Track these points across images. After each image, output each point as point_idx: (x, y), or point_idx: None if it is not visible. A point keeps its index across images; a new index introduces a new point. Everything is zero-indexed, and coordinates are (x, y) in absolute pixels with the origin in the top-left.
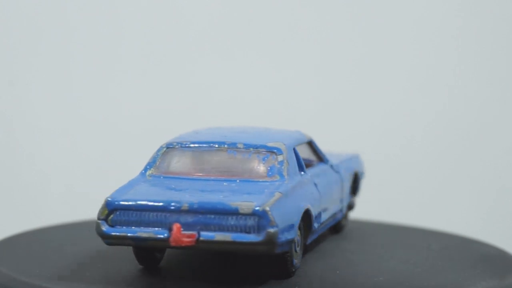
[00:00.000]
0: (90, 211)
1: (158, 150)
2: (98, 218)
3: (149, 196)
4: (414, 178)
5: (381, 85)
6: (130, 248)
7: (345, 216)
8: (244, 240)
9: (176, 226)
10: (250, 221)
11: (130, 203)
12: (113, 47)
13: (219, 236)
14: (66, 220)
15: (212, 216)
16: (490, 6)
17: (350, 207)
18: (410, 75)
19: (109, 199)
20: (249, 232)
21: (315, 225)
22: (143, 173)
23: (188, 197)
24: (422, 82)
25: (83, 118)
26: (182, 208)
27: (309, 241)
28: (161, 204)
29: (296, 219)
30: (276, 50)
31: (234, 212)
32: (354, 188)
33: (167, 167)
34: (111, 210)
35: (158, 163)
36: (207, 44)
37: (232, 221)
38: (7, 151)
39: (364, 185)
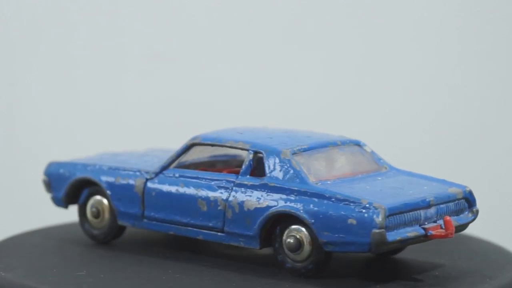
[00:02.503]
0: None
1: (291, 159)
2: (380, 228)
3: (398, 198)
4: None
5: (381, 85)
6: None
7: None
8: (465, 222)
9: (448, 219)
10: (462, 204)
11: (398, 207)
12: (113, 47)
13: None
14: (66, 220)
15: (442, 206)
16: (490, 6)
17: None
18: (411, 75)
19: (386, 206)
20: (459, 214)
21: None
22: (308, 183)
23: (421, 193)
24: (423, 82)
25: (84, 118)
26: (431, 203)
27: None
28: (416, 202)
29: None
30: (277, 50)
31: (454, 199)
32: None
33: (319, 173)
34: (385, 217)
35: (305, 171)
36: (206, 44)
37: (452, 206)
38: (7, 151)
39: None
